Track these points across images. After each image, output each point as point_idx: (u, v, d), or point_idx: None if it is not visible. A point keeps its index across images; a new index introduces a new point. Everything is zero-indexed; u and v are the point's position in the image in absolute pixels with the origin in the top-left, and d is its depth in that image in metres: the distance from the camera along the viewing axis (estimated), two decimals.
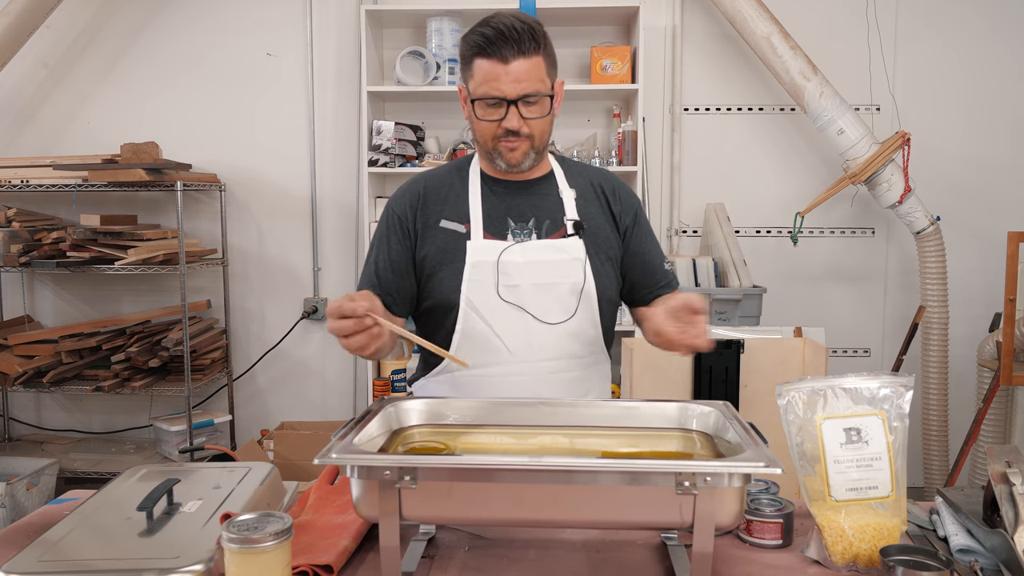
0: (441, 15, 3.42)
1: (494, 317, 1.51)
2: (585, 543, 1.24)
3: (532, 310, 1.51)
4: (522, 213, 1.56)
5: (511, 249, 1.52)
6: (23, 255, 3.37)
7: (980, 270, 3.58)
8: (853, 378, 1.21)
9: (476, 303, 1.51)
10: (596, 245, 1.57)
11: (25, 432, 3.91)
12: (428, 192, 1.60)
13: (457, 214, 1.57)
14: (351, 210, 3.75)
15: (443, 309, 1.54)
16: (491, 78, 1.45)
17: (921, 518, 1.31)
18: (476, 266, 1.51)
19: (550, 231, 1.56)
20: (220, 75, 3.72)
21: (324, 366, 3.85)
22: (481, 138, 1.53)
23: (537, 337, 1.52)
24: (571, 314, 1.52)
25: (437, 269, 1.54)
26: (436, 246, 1.55)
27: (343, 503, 1.33)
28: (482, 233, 1.53)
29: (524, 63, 1.44)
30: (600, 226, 1.59)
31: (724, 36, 3.60)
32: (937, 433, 3.37)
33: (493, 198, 1.58)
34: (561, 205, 1.58)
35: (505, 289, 1.51)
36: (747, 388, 2.76)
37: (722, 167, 3.69)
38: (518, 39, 1.43)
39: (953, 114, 3.61)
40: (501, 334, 1.51)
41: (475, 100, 1.48)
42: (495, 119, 1.48)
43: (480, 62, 1.46)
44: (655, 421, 1.29)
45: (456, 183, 1.60)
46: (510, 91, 1.45)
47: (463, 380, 1.55)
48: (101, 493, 1.30)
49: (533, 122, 1.49)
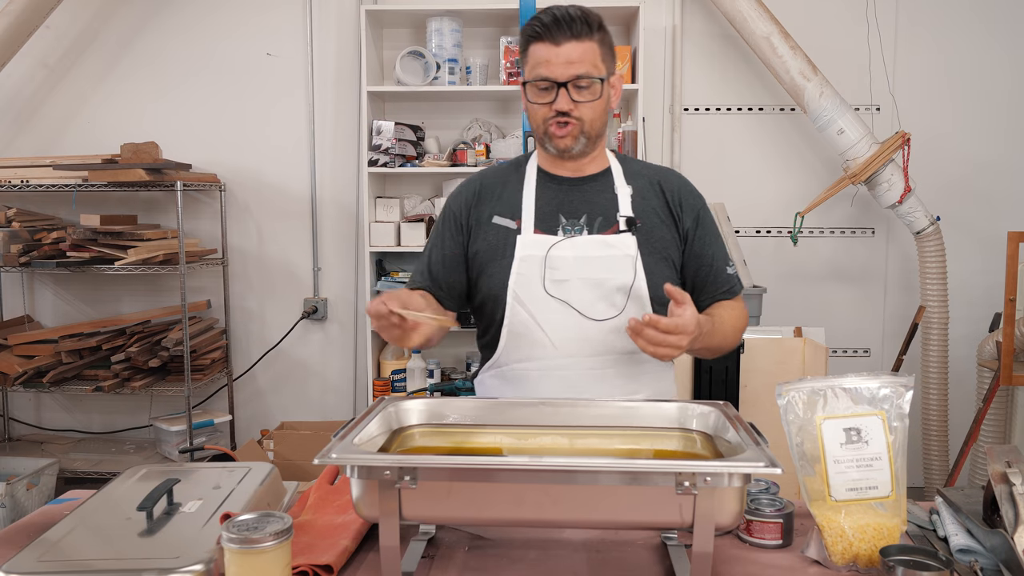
0: (441, 15, 3.42)
1: (540, 311, 1.52)
2: (585, 543, 1.23)
3: (578, 305, 1.51)
4: (574, 209, 1.57)
5: (560, 244, 1.52)
6: (23, 255, 3.37)
7: (980, 270, 3.58)
8: (853, 378, 1.20)
9: (522, 297, 1.52)
10: (650, 243, 1.55)
11: (25, 432, 3.91)
12: (483, 189, 1.63)
13: (510, 210, 1.58)
14: (351, 210, 3.75)
15: (492, 303, 1.56)
16: (543, 61, 1.48)
17: (921, 518, 1.31)
18: (524, 260, 1.52)
19: (602, 227, 1.55)
20: (220, 75, 3.72)
21: (324, 366, 3.85)
22: (533, 122, 1.55)
23: (582, 332, 1.52)
24: (619, 311, 1.51)
25: (487, 264, 1.57)
26: (487, 242, 1.58)
27: (343, 503, 1.33)
28: (532, 228, 1.55)
29: (576, 46, 1.46)
30: (656, 225, 1.57)
31: (724, 36, 3.60)
32: (937, 433, 3.37)
33: (547, 194, 1.58)
34: (615, 202, 1.57)
35: (552, 284, 1.51)
36: (747, 388, 2.76)
37: (722, 167, 3.69)
38: (571, 22, 1.46)
39: (953, 114, 3.61)
40: (546, 328, 1.52)
41: (527, 83, 1.51)
42: (546, 102, 1.50)
43: (535, 47, 1.49)
44: (655, 421, 1.29)
45: (512, 179, 1.62)
46: (560, 73, 1.47)
47: (510, 374, 1.57)
48: (101, 493, 1.30)
49: (583, 106, 1.50)
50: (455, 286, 1.61)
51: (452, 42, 3.42)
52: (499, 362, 1.59)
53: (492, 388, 1.62)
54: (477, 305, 1.63)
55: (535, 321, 1.52)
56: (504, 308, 1.53)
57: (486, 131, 3.59)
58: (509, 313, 1.53)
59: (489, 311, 1.58)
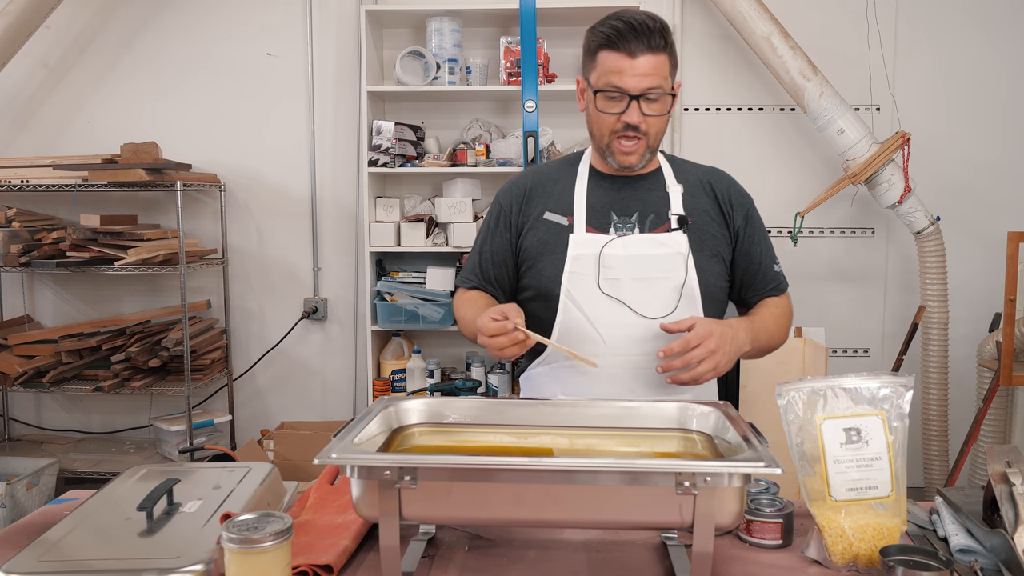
0: (441, 15, 3.41)
1: (593, 310, 1.52)
2: (585, 543, 1.23)
3: (631, 304, 1.51)
4: (626, 207, 1.57)
5: (613, 243, 1.53)
6: (23, 255, 3.37)
7: (980, 270, 3.58)
8: (853, 378, 1.20)
9: (576, 295, 1.53)
10: (702, 241, 1.56)
11: (25, 432, 3.91)
12: (535, 186, 1.64)
13: (561, 207, 1.59)
14: (351, 210, 3.75)
15: (543, 299, 1.57)
16: (616, 71, 1.46)
17: (921, 518, 1.31)
18: (577, 259, 1.53)
19: (654, 226, 1.56)
20: (220, 75, 3.72)
21: (324, 366, 3.85)
22: (598, 131, 1.54)
23: (635, 331, 1.52)
24: (671, 309, 1.52)
25: (537, 259, 1.58)
26: (538, 237, 1.59)
27: (343, 503, 1.33)
28: (584, 226, 1.55)
29: (651, 59, 1.46)
30: (707, 223, 1.58)
31: (724, 36, 3.60)
32: (937, 433, 3.37)
33: (599, 192, 1.59)
34: (667, 200, 1.58)
35: (606, 282, 1.52)
36: (747, 388, 2.77)
37: (722, 167, 3.66)
38: (648, 34, 1.45)
39: (953, 114, 3.61)
40: (598, 326, 1.52)
41: (597, 92, 1.50)
42: (615, 112, 1.49)
43: (606, 54, 1.48)
44: (655, 421, 1.29)
45: (564, 177, 1.63)
46: (634, 85, 1.46)
47: (561, 370, 1.58)
48: (101, 493, 1.30)
49: (652, 120, 1.50)
50: (504, 281, 1.64)
51: (452, 42, 3.42)
52: (549, 359, 1.59)
53: (541, 385, 1.62)
54: (524, 300, 1.63)
55: (588, 319, 1.53)
56: (556, 305, 1.54)
57: (486, 131, 3.59)
58: (562, 311, 1.54)
59: (538, 307, 1.59)
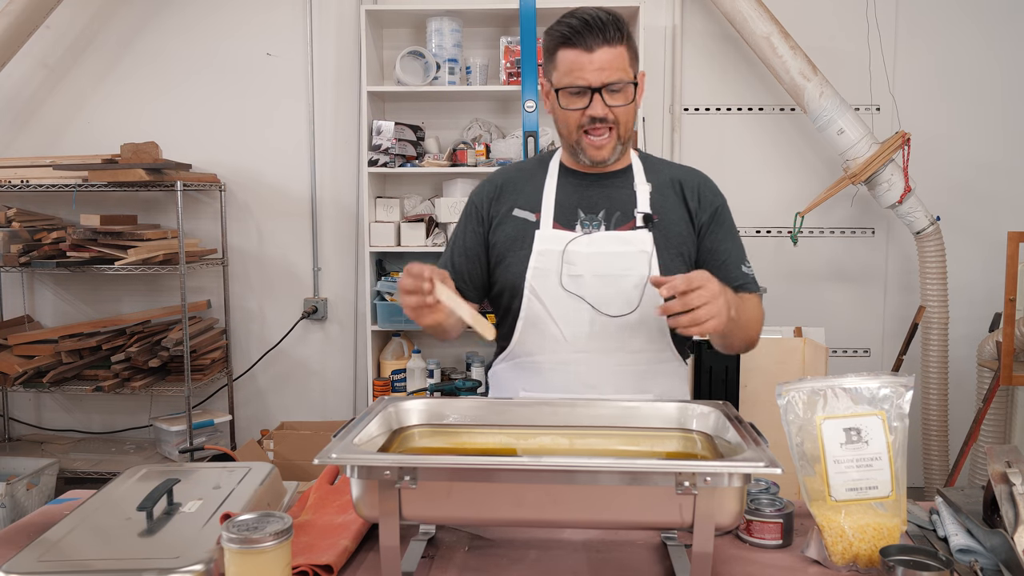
0: (441, 15, 3.41)
1: (555, 305, 1.53)
2: (585, 543, 1.23)
3: (593, 301, 1.52)
4: (593, 204, 1.58)
5: (578, 240, 1.54)
6: (23, 255, 3.37)
7: (980, 270, 3.58)
8: (853, 378, 1.20)
9: (539, 291, 1.54)
10: (667, 240, 1.56)
11: (25, 432, 3.91)
12: (506, 182, 1.66)
13: (530, 204, 1.60)
14: (351, 210, 3.75)
15: (509, 294, 1.58)
16: (576, 67, 1.48)
17: (921, 518, 1.31)
18: (542, 255, 1.54)
19: (619, 223, 1.56)
20: (220, 75, 3.72)
21: (324, 366, 3.85)
22: (566, 129, 1.55)
23: (595, 328, 1.53)
24: (633, 307, 1.52)
25: (505, 255, 1.59)
26: (506, 233, 1.60)
27: (343, 503, 1.33)
28: (551, 223, 1.56)
29: (608, 51, 1.47)
30: (674, 222, 1.59)
31: (724, 36, 3.60)
32: (937, 433, 3.37)
33: (567, 189, 1.60)
34: (634, 198, 1.58)
35: (568, 279, 1.53)
36: (747, 388, 2.77)
37: (722, 167, 3.67)
38: (603, 28, 1.46)
39: (953, 114, 3.61)
40: (559, 322, 1.53)
41: (559, 90, 1.51)
42: (579, 107, 1.50)
43: (564, 52, 1.49)
44: (655, 421, 1.29)
45: (536, 174, 1.64)
46: (594, 79, 1.47)
47: (524, 365, 1.59)
48: (101, 493, 1.30)
49: (618, 110, 1.51)
50: (476, 277, 1.64)
51: (452, 42, 3.42)
52: (513, 353, 1.61)
53: (505, 379, 1.64)
54: (494, 295, 1.65)
55: (549, 315, 1.54)
56: (520, 300, 1.55)
57: (486, 131, 3.59)
58: (525, 305, 1.55)
59: (506, 302, 1.61)
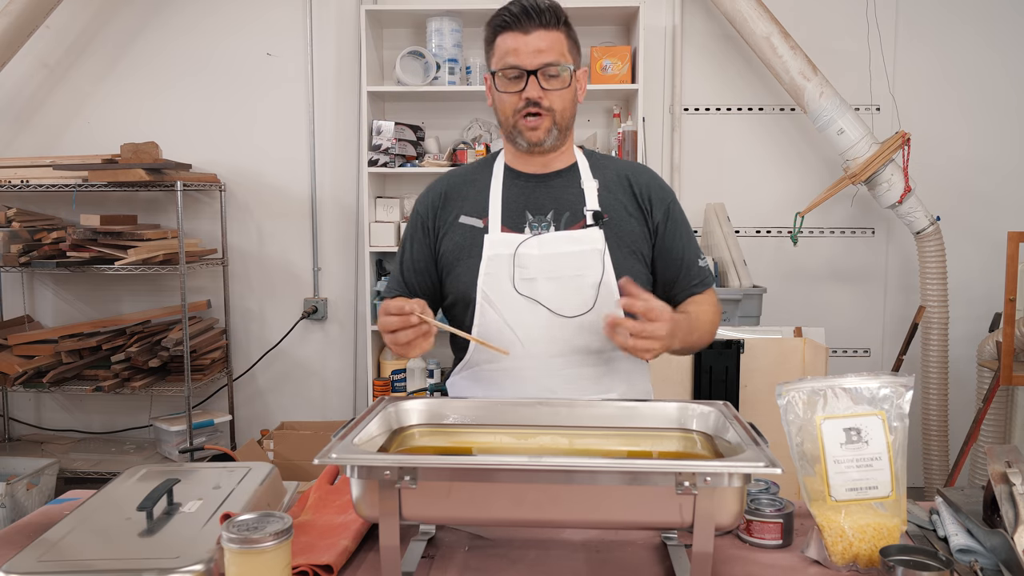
0: (441, 15, 3.42)
1: (509, 311, 1.50)
2: (585, 543, 1.23)
3: (548, 303, 1.49)
4: (541, 205, 1.55)
5: (528, 242, 1.51)
6: (23, 255, 3.37)
7: (980, 270, 3.58)
8: (853, 378, 1.20)
9: (492, 297, 1.51)
10: (619, 237, 1.54)
11: (25, 432, 3.91)
12: (450, 189, 1.62)
13: (476, 209, 1.57)
14: (351, 210, 3.75)
15: (463, 303, 1.55)
16: (511, 50, 1.48)
17: (921, 518, 1.31)
18: (492, 260, 1.51)
19: (569, 223, 1.54)
20: (220, 75, 3.72)
21: (324, 366, 3.85)
22: (503, 115, 1.54)
23: (552, 331, 1.50)
24: (589, 307, 1.49)
25: (455, 264, 1.56)
26: (454, 242, 1.57)
27: (343, 503, 1.33)
28: (500, 227, 1.53)
29: (544, 35, 1.47)
30: (625, 219, 1.56)
31: (724, 36, 3.60)
32: (937, 433, 3.37)
33: (513, 191, 1.57)
34: (582, 197, 1.56)
35: (521, 283, 1.50)
36: (747, 388, 2.76)
37: (722, 167, 3.69)
38: (539, 12, 1.47)
39: (953, 114, 3.61)
40: (515, 327, 1.50)
41: (495, 73, 1.51)
42: (516, 91, 1.49)
43: (503, 38, 1.50)
44: (655, 421, 1.29)
45: (480, 179, 1.61)
46: (529, 61, 1.47)
47: (482, 374, 1.56)
48: (101, 493, 1.30)
49: (553, 95, 1.50)
50: (428, 289, 1.61)
51: (452, 42, 3.42)
52: (470, 363, 1.57)
53: (463, 390, 1.60)
54: (447, 306, 1.62)
55: (504, 321, 1.50)
56: (473, 309, 1.52)
57: (486, 131, 3.59)
58: (479, 313, 1.51)
59: (459, 312, 1.57)
